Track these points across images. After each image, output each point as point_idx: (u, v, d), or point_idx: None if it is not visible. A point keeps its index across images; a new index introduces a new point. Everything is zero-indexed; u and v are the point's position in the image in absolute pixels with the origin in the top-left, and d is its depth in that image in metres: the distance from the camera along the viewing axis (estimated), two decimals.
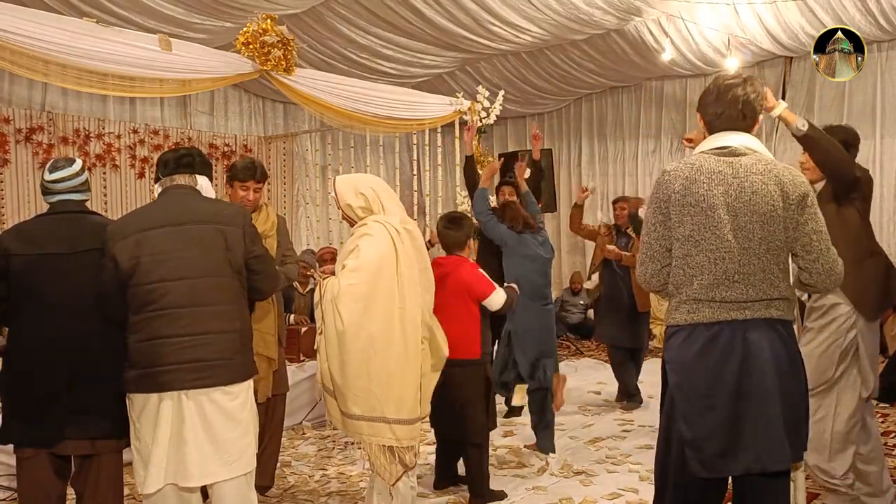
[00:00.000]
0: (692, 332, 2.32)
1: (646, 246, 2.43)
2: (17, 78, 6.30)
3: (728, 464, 2.29)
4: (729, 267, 2.29)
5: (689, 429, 2.31)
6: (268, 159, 8.54)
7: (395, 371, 3.05)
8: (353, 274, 3.02)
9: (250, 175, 3.74)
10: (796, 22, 7.24)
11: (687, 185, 2.32)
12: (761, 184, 2.30)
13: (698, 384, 2.30)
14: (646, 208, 2.49)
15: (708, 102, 2.45)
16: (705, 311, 2.31)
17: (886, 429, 5.17)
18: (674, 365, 2.37)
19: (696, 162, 2.37)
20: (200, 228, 2.75)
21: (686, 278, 2.34)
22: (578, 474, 4.30)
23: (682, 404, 2.33)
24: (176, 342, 2.65)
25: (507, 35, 7.52)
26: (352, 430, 3.08)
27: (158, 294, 2.67)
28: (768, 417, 2.28)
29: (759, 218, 2.30)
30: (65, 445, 2.82)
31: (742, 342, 2.28)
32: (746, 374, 2.27)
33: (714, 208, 2.29)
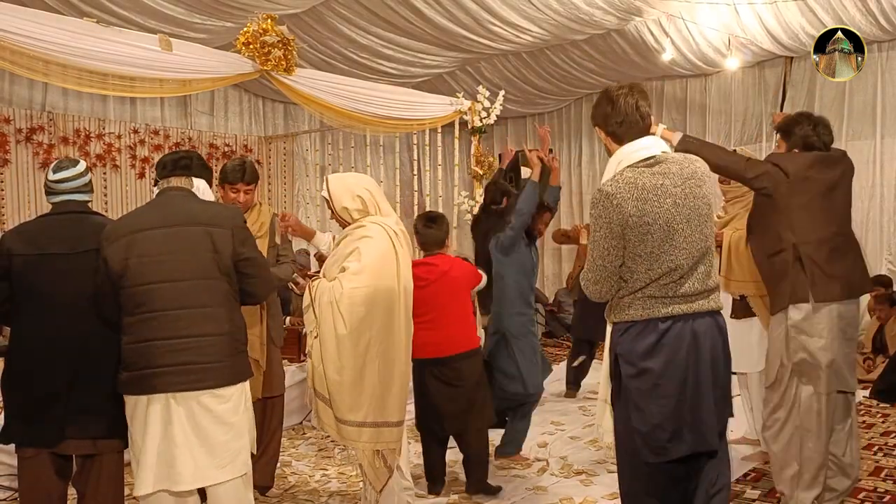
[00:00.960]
0: (646, 327, 2.48)
1: (600, 268, 2.51)
2: (18, 78, 6.30)
3: (675, 447, 2.48)
4: (682, 268, 2.47)
5: (642, 418, 2.48)
6: (268, 159, 8.54)
7: (392, 375, 3.04)
8: (356, 277, 2.98)
9: (239, 177, 3.72)
10: (797, 22, 7.23)
11: (640, 206, 2.43)
12: (696, 187, 2.51)
13: (652, 374, 2.46)
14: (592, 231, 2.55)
15: (605, 115, 2.55)
16: (659, 307, 2.47)
17: (887, 429, 5.17)
18: (629, 357, 2.50)
19: (635, 180, 2.46)
20: (189, 230, 2.73)
21: (642, 282, 2.48)
22: (579, 474, 4.30)
23: (636, 394, 2.48)
24: (164, 344, 2.64)
25: (508, 35, 7.52)
26: (347, 437, 3.04)
27: (147, 296, 2.66)
28: (708, 401, 2.50)
29: (702, 219, 2.51)
30: (66, 445, 2.82)
31: (691, 333, 2.48)
32: (693, 363, 2.47)
33: (669, 223, 2.44)
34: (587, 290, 2.60)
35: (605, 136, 2.60)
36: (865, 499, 3.91)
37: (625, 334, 2.51)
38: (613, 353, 2.58)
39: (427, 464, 4.08)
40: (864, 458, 4.53)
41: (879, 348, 6.77)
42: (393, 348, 3.05)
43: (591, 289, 2.58)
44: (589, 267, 2.56)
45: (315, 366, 3.05)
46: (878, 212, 8.00)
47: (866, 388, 6.16)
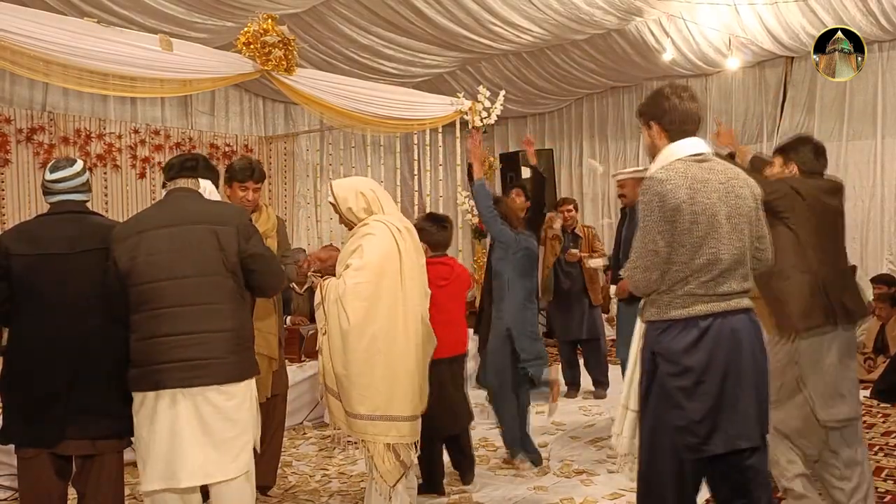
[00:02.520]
0: (686, 325, 2.49)
1: (651, 254, 2.51)
2: (18, 78, 6.30)
3: (712, 444, 2.48)
4: (724, 266, 2.49)
5: (682, 415, 2.47)
6: (268, 159, 8.54)
7: (398, 369, 3.07)
8: (358, 273, 3.02)
9: (248, 175, 3.74)
10: (797, 22, 7.23)
11: (692, 195, 2.46)
12: (740, 188, 2.56)
13: (693, 372, 2.47)
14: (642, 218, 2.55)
15: (665, 110, 2.60)
16: (700, 306, 2.49)
17: (888, 429, 5.17)
18: (669, 355, 2.50)
19: (685, 170, 2.50)
20: (194, 229, 2.77)
21: (684, 278, 2.49)
22: (579, 474, 4.30)
23: (676, 392, 2.48)
24: (170, 341, 2.67)
25: (508, 35, 7.52)
26: (357, 431, 3.08)
27: (153, 294, 2.70)
28: (745, 399, 2.51)
29: (745, 219, 2.56)
30: (66, 445, 2.82)
31: (730, 332, 2.50)
32: (732, 360, 2.49)
33: (716, 215, 2.48)
34: (634, 279, 2.58)
35: (658, 130, 2.63)
36: None
37: (664, 333, 2.52)
38: (650, 350, 2.56)
39: (432, 463, 4.07)
40: None
41: (880, 348, 6.77)
42: (398, 342, 3.08)
43: (639, 277, 2.56)
44: (639, 255, 2.55)
45: (325, 362, 3.10)
46: (878, 211, 8.00)
47: (867, 388, 6.16)
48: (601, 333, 6.23)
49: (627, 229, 5.20)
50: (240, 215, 2.91)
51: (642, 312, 2.64)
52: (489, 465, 4.51)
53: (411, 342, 3.14)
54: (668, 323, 2.51)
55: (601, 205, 10.06)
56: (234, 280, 2.80)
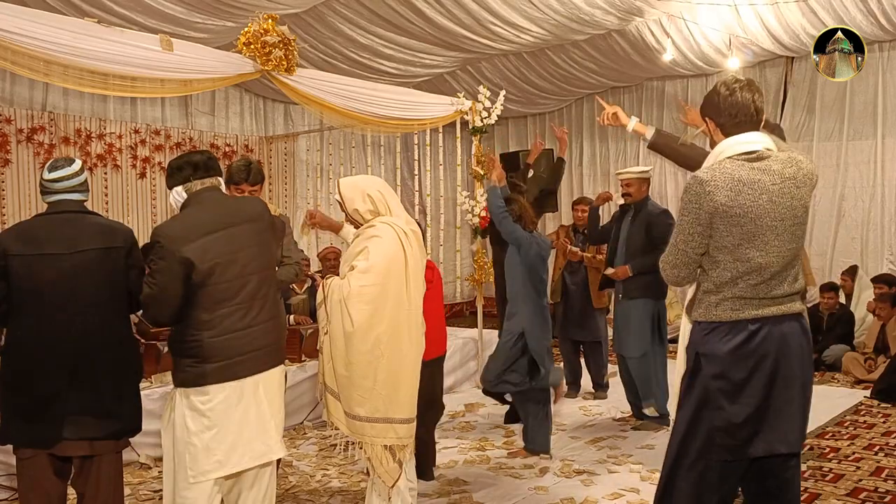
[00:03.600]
0: (734, 327, 2.44)
1: (681, 252, 2.51)
2: (19, 78, 6.31)
3: (751, 448, 2.45)
4: (774, 269, 2.44)
5: (723, 416, 2.44)
6: (269, 159, 8.54)
7: (400, 372, 3.08)
8: (364, 276, 3.02)
9: (244, 178, 3.73)
10: (797, 22, 7.23)
11: (732, 197, 2.40)
12: (795, 188, 2.46)
13: (738, 375, 2.43)
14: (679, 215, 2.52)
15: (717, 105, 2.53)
16: (748, 308, 2.44)
17: (888, 429, 5.17)
18: (714, 357, 2.46)
19: (732, 171, 2.43)
20: (245, 228, 2.91)
21: (731, 279, 2.45)
22: (579, 474, 4.30)
23: (718, 394, 2.45)
24: (248, 333, 2.83)
25: (509, 35, 7.52)
26: (355, 431, 3.08)
27: (233, 291, 2.81)
28: (791, 403, 2.47)
29: (798, 221, 2.48)
30: (63, 446, 2.81)
31: (778, 336, 2.45)
32: (780, 365, 2.44)
33: (761, 218, 2.41)
34: (664, 272, 2.59)
35: (713, 126, 2.58)
36: (867, 499, 3.91)
37: (711, 334, 2.47)
38: (694, 350, 2.52)
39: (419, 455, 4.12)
40: (864, 458, 4.54)
41: (881, 348, 6.77)
42: (401, 345, 3.08)
43: (668, 272, 2.58)
44: (670, 250, 2.55)
45: (325, 361, 3.11)
46: (879, 211, 8.00)
47: (867, 389, 6.16)
48: (603, 336, 6.22)
49: (631, 226, 5.20)
50: (266, 212, 3.08)
51: (690, 310, 2.58)
52: (490, 465, 4.51)
53: (413, 346, 3.14)
54: (714, 324, 2.47)
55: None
56: (274, 272, 3.09)
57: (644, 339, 5.12)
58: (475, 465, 4.51)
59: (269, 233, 3.03)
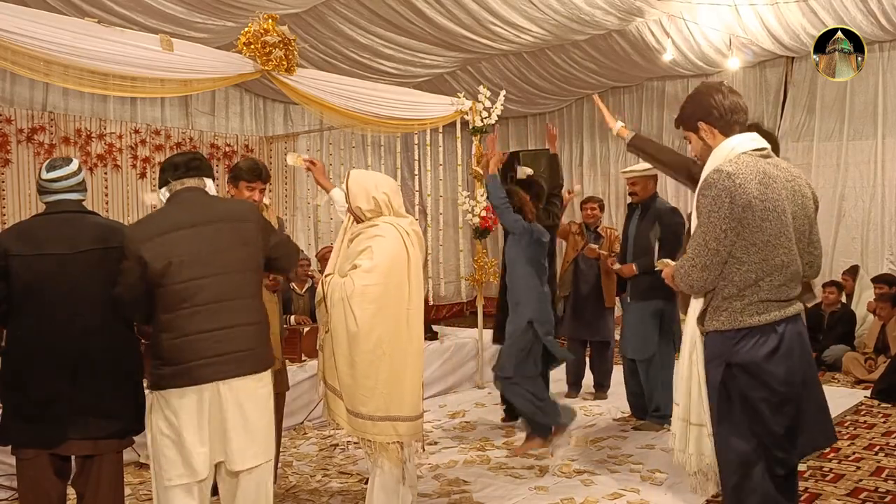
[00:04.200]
0: (763, 333, 2.37)
1: (713, 252, 2.36)
2: (19, 78, 6.31)
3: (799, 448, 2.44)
4: (794, 268, 2.41)
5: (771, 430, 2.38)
6: (269, 159, 8.54)
7: (402, 371, 3.09)
8: (368, 275, 3.03)
9: (257, 176, 3.76)
10: (798, 22, 7.23)
11: (762, 191, 2.33)
12: (803, 187, 2.46)
13: (779, 382, 2.37)
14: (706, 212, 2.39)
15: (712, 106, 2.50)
16: (773, 310, 2.38)
17: (888, 429, 5.17)
18: (752, 367, 2.37)
19: (755, 164, 2.37)
20: (219, 227, 2.81)
21: (755, 280, 2.36)
22: (580, 474, 4.30)
23: (763, 406, 2.37)
24: (211, 336, 2.72)
25: (509, 35, 7.52)
26: (357, 429, 3.09)
27: (190, 292, 2.71)
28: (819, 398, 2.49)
29: (809, 220, 2.48)
30: (68, 446, 2.81)
31: (798, 336, 2.43)
32: (805, 365, 2.45)
33: (785, 213, 2.37)
34: (689, 278, 2.42)
35: (709, 129, 2.50)
36: (867, 499, 3.90)
37: (741, 342, 2.36)
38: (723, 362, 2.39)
39: None
40: (865, 458, 4.53)
41: (881, 348, 6.77)
42: (403, 344, 3.09)
43: (696, 276, 2.40)
44: (698, 252, 2.38)
45: (326, 359, 3.11)
46: (879, 211, 8.00)
47: (867, 389, 6.16)
48: (611, 336, 6.20)
49: (639, 225, 5.19)
50: (255, 210, 3.00)
51: (704, 321, 2.44)
52: (490, 465, 4.51)
53: (415, 344, 3.16)
54: (744, 331, 2.36)
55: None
56: (257, 275, 2.92)
57: (649, 341, 5.08)
58: (475, 465, 4.51)
59: (253, 234, 2.87)
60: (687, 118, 2.56)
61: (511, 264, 4.68)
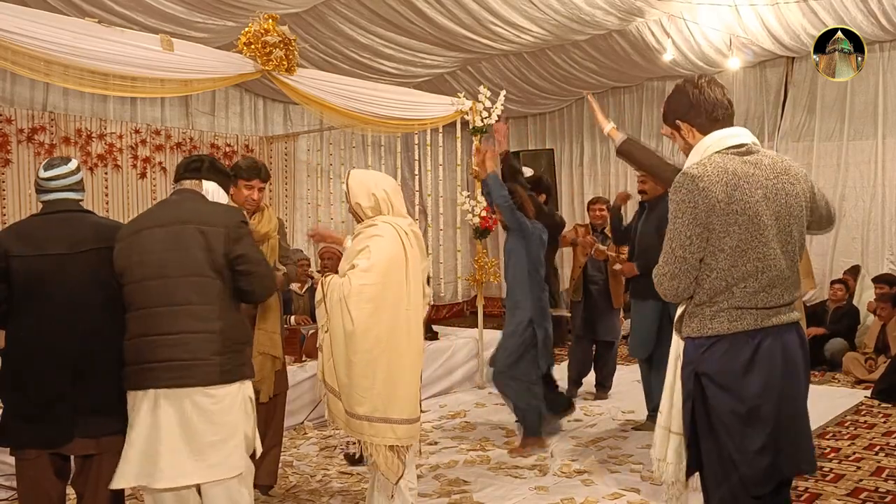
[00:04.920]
0: (734, 342, 2.23)
1: (679, 260, 2.26)
2: (19, 78, 6.31)
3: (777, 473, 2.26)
4: (773, 273, 2.25)
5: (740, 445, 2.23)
6: (269, 159, 8.54)
7: (400, 372, 3.08)
8: (365, 274, 3.02)
9: (255, 174, 3.77)
10: (798, 22, 7.23)
11: (729, 192, 2.21)
12: (790, 185, 2.29)
13: (747, 396, 2.22)
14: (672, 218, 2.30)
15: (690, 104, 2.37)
16: (748, 318, 2.23)
17: (888, 429, 5.17)
18: (719, 378, 2.24)
19: (724, 164, 2.24)
20: (183, 228, 2.76)
21: (726, 287, 2.24)
22: (580, 474, 4.30)
23: (732, 418, 2.23)
24: (154, 340, 2.68)
25: (509, 35, 7.52)
26: (355, 430, 3.08)
27: (142, 293, 2.72)
28: (802, 419, 2.29)
29: (796, 221, 2.30)
30: (72, 446, 2.81)
31: (782, 348, 2.25)
32: (787, 381, 2.25)
33: (759, 215, 2.22)
34: (661, 286, 2.33)
35: (687, 127, 2.39)
36: (867, 499, 3.90)
37: (709, 351, 2.24)
38: (692, 370, 2.28)
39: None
40: (865, 458, 4.53)
41: (881, 348, 6.77)
42: (400, 345, 3.08)
43: (667, 285, 2.30)
44: (665, 260, 2.30)
45: (325, 359, 3.11)
46: (879, 211, 8.00)
47: (868, 389, 6.16)
48: (616, 337, 6.21)
49: (644, 224, 5.19)
50: (230, 216, 2.85)
51: (680, 327, 2.36)
52: (490, 465, 4.51)
53: (413, 345, 3.14)
54: (712, 339, 2.24)
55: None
56: (221, 281, 2.76)
57: (649, 341, 5.07)
58: (475, 465, 4.51)
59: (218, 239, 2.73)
60: (666, 116, 2.47)
61: (511, 263, 4.69)
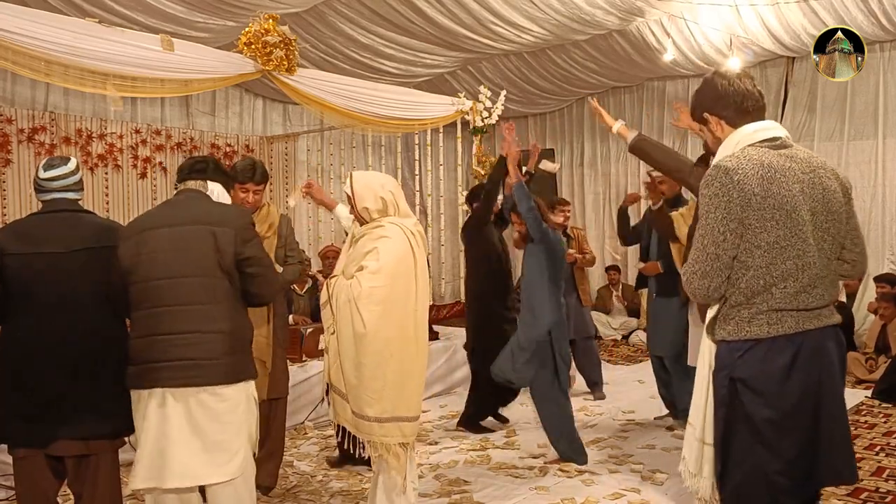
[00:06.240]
0: (773, 346, 2.13)
1: (712, 257, 2.15)
2: (20, 78, 6.31)
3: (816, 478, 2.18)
4: (812, 273, 2.14)
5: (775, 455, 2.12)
6: (269, 159, 8.54)
7: (408, 372, 3.08)
8: (375, 276, 3.01)
9: (249, 177, 3.73)
10: (798, 22, 7.23)
11: (766, 186, 2.10)
12: (827, 179, 2.21)
13: (785, 402, 2.12)
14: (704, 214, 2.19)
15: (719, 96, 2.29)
16: (788, 321, 2.12)
17: (889, 429, 5.17)
18: (756, 383, 2.13)
19: (759, 157, 2.15)
20: (193, 229, 2.78)
21: (764, 287, 2.13)
22: (581, 474, 4.30)
23: (766, 426, 2.12)
24: (164, 339, 2.69)
25: (509, 35, 7.52)
26: (363, 431, 3.07)
27: (152, 292, 2.72)
28: (843, 430, 2.20)
29: (834, 216, 2.20)
30: (56, 446, 2.80)
31: (821, 353, 2.16)
32: (825, 387, 2.16)
33: (796, 210, 2.12)
34: (690, 285, 2.22)
35: (715, 120, 2.30)
36: (868, 499, 3.90)
37: (746, 355, 2.13)
38: (726, 376, 2.17)
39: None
40: (865, 458, 4.53)
41: (881, 348, 6.77)
42: (410, 346, 3.09)
43: (697, 284, 2.19)
44: (696, 257, 2.19)
45: (332, 361, 3.09)
46: (880, 211, 7.99)
47: (868, 389, 6.16)
48: (593, 333, 6.26)
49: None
50: (240, 217, 2.89)
51: (712, 330, 2.24)
52: (490, 465, 4.51)
53: (421, 345, 3.15)
54: (750, 343, 2.13)
55: (601, 203, 10.06)
56: (229, 282, 2.78)
57: (678, 337, 4.97)
58: (475, 465, 4.51)
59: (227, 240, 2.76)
60: (694, 109, 2.38)
61: (532, 274, 4.50)
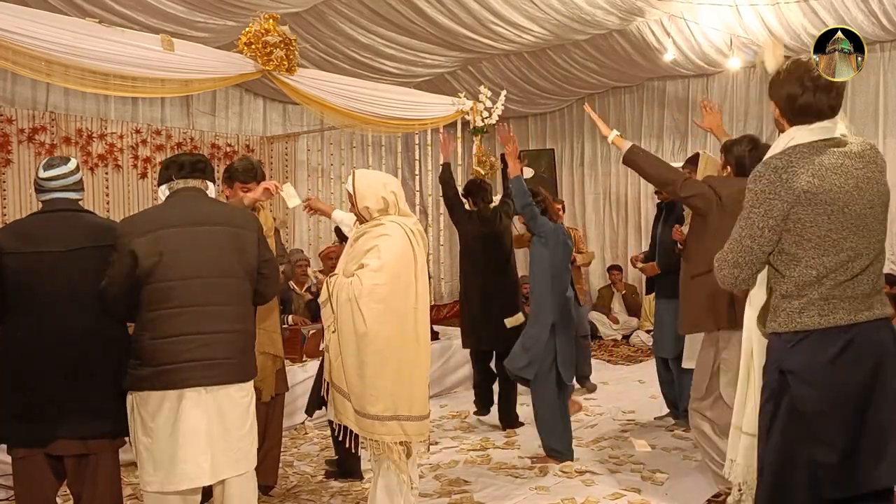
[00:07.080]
0: (824, 337, 2.13)
1: (746, 250, 2.21)
2: (20, 78, 6.31)
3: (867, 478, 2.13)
4: (864, 263, 2.17)
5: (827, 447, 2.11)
6: (269, 159, 8.54)
7: (410, 370, 3.09)
8: (376, 274, 3.02)
9: (252, 177, 3.75)
10: (798, 22, 7.22)
11: (816, 182, 2.13)
12: (878, 173, 2.25)
13: (837, 395, 2.11)
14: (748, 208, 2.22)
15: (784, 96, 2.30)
16: (840, 312, 2.14)
17: None
18: (807, 375, 2.13)
19: (811, 154, 2.18)
20: (215, 230, 2.82)
21: (816, 278, 2.15)
22: (581, 474, 4.30)
23: (816, 419, 2.12)
24: (192, 339, 2.70)
25: (510, 35, 7.52)
26: (365, 429, 3.07)
27: (175, 292, 2.71)
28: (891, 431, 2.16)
29: (884, 211, 2.24)
30: (56, 446, 2.79)
31: (875, 344, 2.16)
32: (878, 380, 2.14)
33: (850, 205, 2.15)
34: (720, 272, 2.27)
35: (779, 113, 2.33)
36: None
37: (797, 346, 2.14)
38: (778, 370, 2.18)
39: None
40: None
41: None
42: (411, 344, 3.10)
43: (727, 272, 2.24)
44: (731, 248, 2.24)
45: (333, 360, 3.10)
46: None
47: None
48: (587, 331, 6.33)
49: (664, 224, 5.17)
50: (255, 221, 3.01)
51: (763, 322, 2.27)
52: (490, 465, 4.51)
53: (422, 343, 3.16)
54: (801, 335, 2.14)
55: (602, 204, 10.05)
56: (248, 283, 2.88)
57: (680, 339, 5.02)
58: (476, 465, 4.52)
59: (251, 243, 2.88)
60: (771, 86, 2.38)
61: (536, 270, 4.48)
